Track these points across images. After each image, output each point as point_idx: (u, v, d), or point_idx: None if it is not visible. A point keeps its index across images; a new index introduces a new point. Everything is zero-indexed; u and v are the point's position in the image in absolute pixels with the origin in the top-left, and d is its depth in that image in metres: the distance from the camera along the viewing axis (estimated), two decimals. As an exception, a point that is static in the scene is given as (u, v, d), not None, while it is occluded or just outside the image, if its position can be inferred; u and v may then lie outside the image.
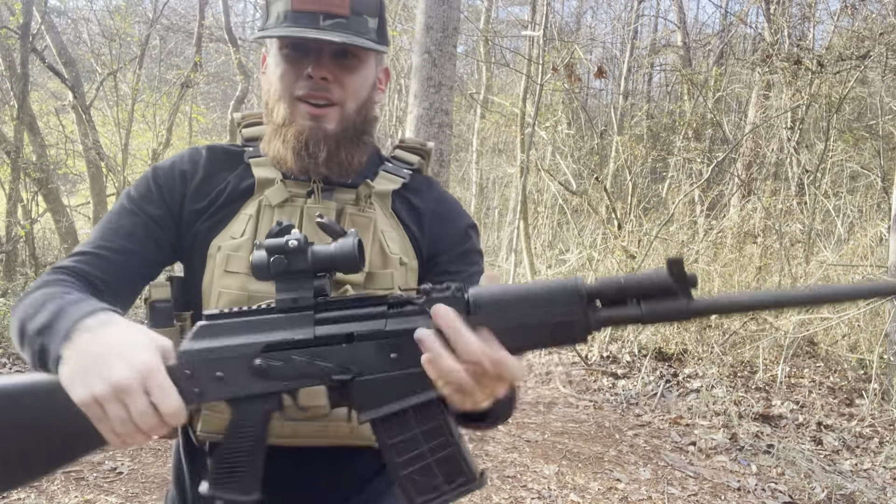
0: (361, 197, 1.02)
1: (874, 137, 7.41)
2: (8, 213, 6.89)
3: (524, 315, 0.73)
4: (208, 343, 0.79)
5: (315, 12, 0.92)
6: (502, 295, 0.74)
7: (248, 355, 0.78)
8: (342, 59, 0.97)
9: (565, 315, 0.73)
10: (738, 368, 5.38)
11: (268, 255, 0.79)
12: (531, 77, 7.73)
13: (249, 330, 0.80)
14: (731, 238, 7.39)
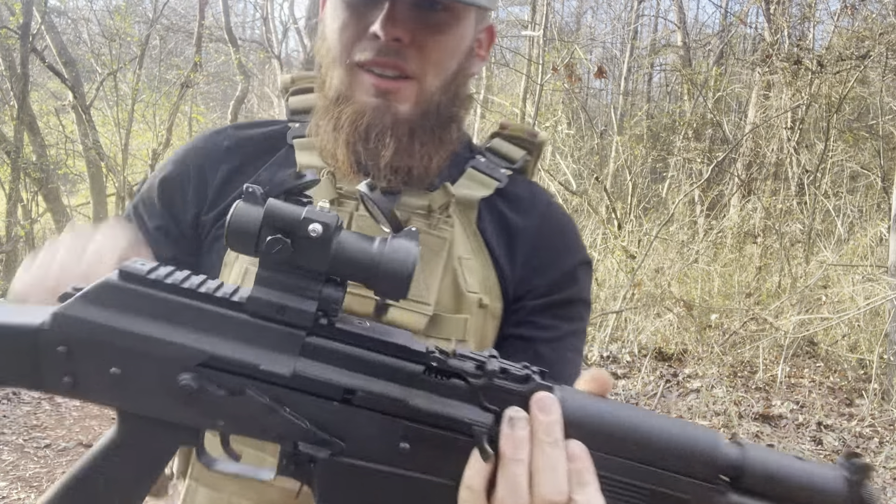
0: (436, 207, 0.73)
1: (874, 137, 7.41)
2: (8, 213, 6.89)
3: (620, 464, 0.48)
4: (114, 319, 0.49)
5: None
6: (601, 419, 0.49)
7: (175, 363, 0.49)
8: (428, 12, 0.68)
9: (676, 483, 0.48)
10: (738, 368, 5.38)
11: (264, 223, 0.49)
12: (531, 77, 7.73)
13: (191, 322, 0.50)
14: (731, 238, 7.39)
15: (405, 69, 0.69)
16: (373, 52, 0.69)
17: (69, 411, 4.18)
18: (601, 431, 0.48)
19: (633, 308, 6.27)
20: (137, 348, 0.49)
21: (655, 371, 5.51)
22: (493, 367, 0.50)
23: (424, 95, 0.72)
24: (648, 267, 6.55)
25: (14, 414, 4.01)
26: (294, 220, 0.48)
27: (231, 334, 0.50)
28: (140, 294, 0.50)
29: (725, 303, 6.14)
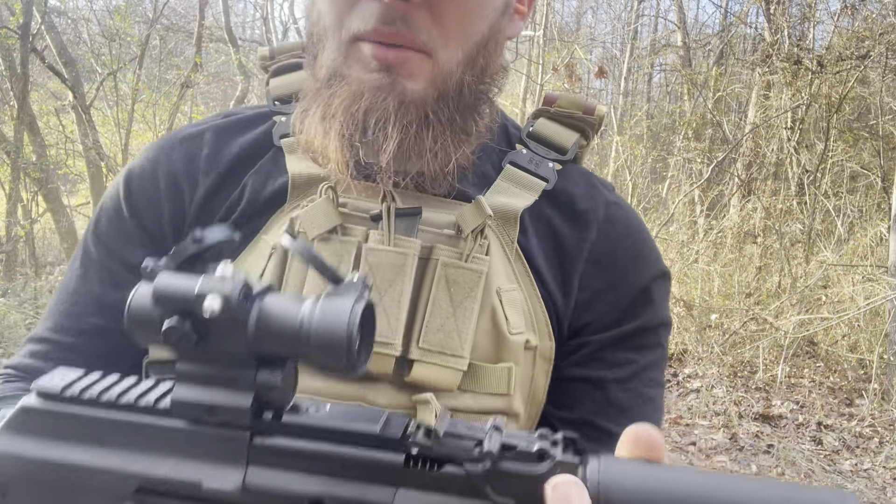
0: (468, 229, 0.56)
1: (874, 137, 7.41)
2: (8, 213, 6.89)
3: None
4: (37, 446, 0.41)
5: None
6: (663, 496, 0.33)
7: (108, 494, 0.41)
8: None
9: None
10: (738, 368, 5.38)
11: (159, 308, 0.38)
12: (531, 77, 7.73)
13: (119, 440, 0.41)
14: (731, 238, 7.39)
15: (415, 40, 0.53)
16: (374, 18, 0.52)
17: (69, 411, 4.19)
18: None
19: (633, 308, 6.27)
20: (67, 480, 0.41)
21: (655, 371, 5.51)
22: (494, 445, 0.36)
23: (442, 73, 0.55)
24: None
25: (14, 414, 4.02)
26: (186, 298, 0.37)
27: (165, 449, 0.40)
28: (61, 415, 0.41)
29: (725, 303, 6.14)
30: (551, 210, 0.62)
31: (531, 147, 0.64)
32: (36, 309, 5.76)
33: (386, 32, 0.52)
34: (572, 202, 0.63)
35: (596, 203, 0.64)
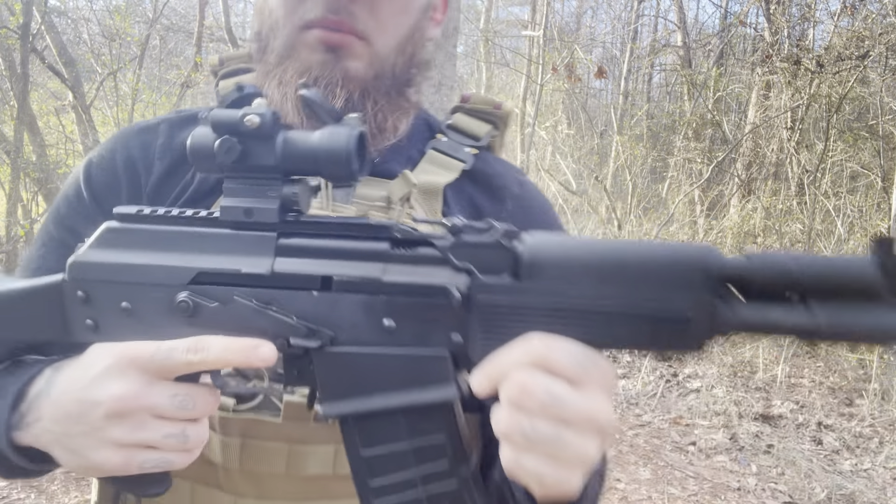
0: (396, 198, 0.65)
1: (874, 137, 7.41)
2: (8, 213, 6.89)
3: (608, 294, 0.46)
4: (116, 256, 0.55)
5: None
6: (578, 254, 0.47)
7: (171, 285, 0.53)
8: None
9: (676, 305, 0.45)
10: (738, 368, 5.38)
11: (215, 133, 0.52)
12: (531, 77, 7.73)
13: (178, 246, 0.55)
14: (731, 238, 7.39)
15: (355, 28, 0.65)
16: (321, 9, 0.64)
17: (69, 411, 4.18)
18: (584, 265, 0.47)
19: (633, 308, 6.27)
20: (138, 279, 0.55)
21: (655, 371, 5.51)
22: (457, 225, 0.51)
23: (378, 56, 0.67)
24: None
25: (14, 414, 4.02)
26: (234, 119, 0.51)
27: (213, 249, 0.54)
28: (134, 231, 0.56)
29: (725, 303, 6.14)
30: (471, 187, 0.73)
31: (450, 136, 0.74)
32: (36, 309, 5.77)
33: (332, 20, 0.64)
34: (489, 180, 0.74)
35: (509, 181, 0.75)
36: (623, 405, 4.89)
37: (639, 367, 5.63)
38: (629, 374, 5.59)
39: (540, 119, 8.90)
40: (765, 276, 0.44)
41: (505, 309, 0.48)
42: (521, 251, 0.48)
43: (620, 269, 0.46)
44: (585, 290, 0.46)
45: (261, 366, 0.50)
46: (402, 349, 0.51)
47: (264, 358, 0.50)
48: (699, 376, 5.28)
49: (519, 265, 0.48)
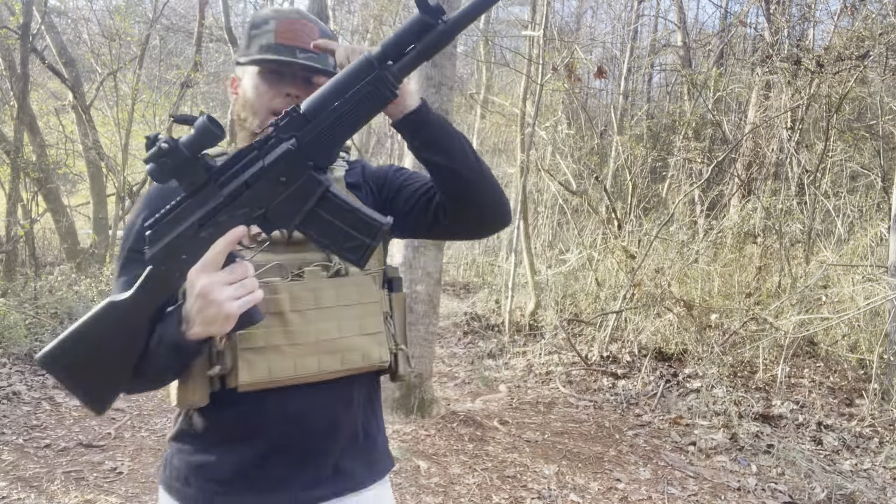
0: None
1: (874, 137, 7.41)
2: (8, 213, 6.89)
3: (341, 102, 0.94)
4: (163, 241, 0.96)
5: (293, 46, 1.13)
6: (320, 96, 0.95)
7: (193, 233, 0.95)
8: (309, 84, 1.15)
9: (371, 85, 0.93)
10: (738, 368, 5.38)
11: (154, 164, 0.91)
12: (531, 77, 7.73)
13: (183, 217, 0.95)
14: (731, 238, 7.39)
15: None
16: (283, 104, 1.10)
17: (69, 411, 4.18)
18: (324, 99, 0.96)
19: (633, 308, 6.27)
20: (180, 241, 0.98)
21: (655, 371, 5.51)
22: (276, 121, 0.97)
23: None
24: (648, 267, 6.55)
25: (14, 414, 4.01)
26: (158, 150, 0.93)
27: (196, 207, 0.98)
28: (162, 224, 1.00)
29: (725, 303, 6.14)
30: (349, 176, 1.24)
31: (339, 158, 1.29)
32: (36, 309, 5.76)
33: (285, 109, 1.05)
34: (355, 169, 1.28)
35: (361, 166, 1.30)
36: (623, 405, 4.90)
37: (639, 367, 5.63)
38: (629, 374, 5.59)
39: (540, 119, 8.90)
40: (392, 50, 0.97)
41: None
42: (302, 111, 0.96)
43: (338, 90, 0.95)
44: (335, 105, 0.95)
45: (241, 238, 0.95)
46: (294, 185, 0.95)
47: (240, 234, 0.94)
48: (699, 376, 5.28)
49: (306, 116, 0.95)
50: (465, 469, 3.53)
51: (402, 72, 0.95)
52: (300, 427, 1.07)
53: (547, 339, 6.56)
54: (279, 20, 1.15)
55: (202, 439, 1.08)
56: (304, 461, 1.08)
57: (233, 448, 1.06)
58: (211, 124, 0.90)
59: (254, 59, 1.15)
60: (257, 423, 1.06)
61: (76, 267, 8.10)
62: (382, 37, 13.40)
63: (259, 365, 1.02)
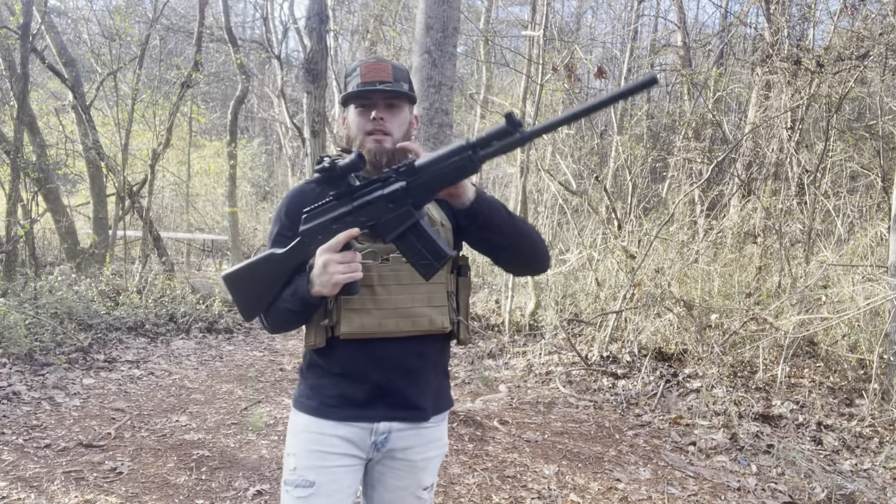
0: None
1: (874, 137, 7.41)
2: (8, 213, 6.89)
3: (441, 167, 1.28)
4: (310, 224, 1.39)
5: (374, 81, 1.49)
6: (430, 158, 1.29)
7: (329, 225, 1.37)
8: (391, 107, 1.50)
9: (463, 161, 1.26)
10: (738, 368, 5.38)
11: (321, 173, 1.34)
12: (531, 77, 7.73)
13: (325, 212, 1.38)
14: (731, 238, 7.39)
15: (386, 130, 1.50)
16: (373, 125, 1.49)
17: (69, 411, 4.18)
18: (431, 161, 1.31)
19: (633, 308, 6.27)
20: (319, 227, 1.39)
21: (655, 371, 5.51)
22: (395, 167, 1.35)
23: (394, 140, 1.50)
24: (648, 267, 6.55)
25: (14, 414, 4.01)
26: (323, 164, 1.35)
27: (335, 207, 1.40)
28: (312, 211, 1.43)
29: (725, 303, 6.14)
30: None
31: None
32: (35, 309, 5.76)
33: (378, 128, 1.49)
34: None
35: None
36: (623, 405, 4.90)
37: (639, 367, 5.63)
38: (629, 374, 5.59)
39: (540, 119, 8.90)
40: (483, 143, 1.26)
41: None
42: (415, 165, 1.31)
43: (442, 156, 1.30)
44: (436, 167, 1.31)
45: (356, 236, 1.33)
46: (397, 212, 1.32)
47: (355, 233, 1.32)
48: (699, 376, 5.28)
49: (415, 168, 1.31)
50: (465, 469, 3.53)
51: (483, 159, 1.25)
52: (382, 368, 1.47)
53: (547, 339, 6.56)
54: (362, 65, 1.51)
55: (320, 370, 1.52)
56: (384, 392, 1.48)
57: (338, 377, 1.49)
58: (360, 160, 1.31)
59: (348, 95, 1.52)
60: (354, 362, 1.47)
61: (76, 267, 8.10)
62: (382, 37, 13.41)
63: (354, 321, 1.44)
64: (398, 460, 1.53)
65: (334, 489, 1.46)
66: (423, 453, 1.54)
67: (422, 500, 1.57)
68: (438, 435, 1.61)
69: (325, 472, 1.46)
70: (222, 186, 16.28)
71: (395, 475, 1.54)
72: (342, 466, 1.48)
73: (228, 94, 20.25)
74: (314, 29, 7.95)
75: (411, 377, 1.49)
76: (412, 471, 1.54)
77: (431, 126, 4.04)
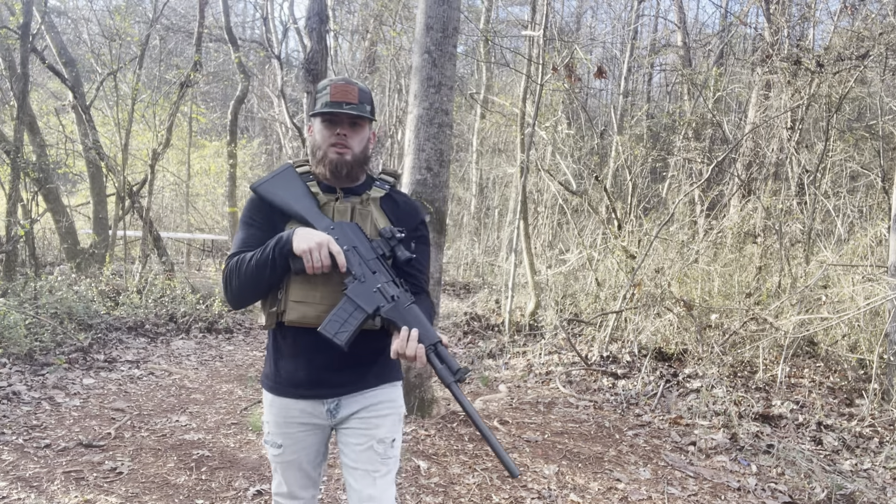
0: (363, 200, 1.74)
1: (874, 137, 7.41)
2: (8, 213, 6.89)
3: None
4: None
5: (341, 101, 1.67)
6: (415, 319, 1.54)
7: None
8: (354, 125, 1.71)
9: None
10: (738, 368, 5.38)
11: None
12: (531, 77, 7.73)
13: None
14: (731, 238, 7.39)
15: (347, 145, 1.69)
16: (336, 140, 1.68)
17: (69, 411, 4.18)
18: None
19: (633, 308, 6.26)
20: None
21: (655, 371, 5.51)
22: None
23: (354, 155, 1.71)
24: (648, 267, 6.55)
25: (14, 414, 4.01)
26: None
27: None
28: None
29: (725, 303, 6.14)
30: (389, 198, 1.77)
31: (380, 179, 1.80)
32: (35, 309, 5.76)
33: (340, 143, 1.69)
34: (395, 196, 1.79)
35: (403, 197, 1.82)
36: (623, 405, 4.90)
37: (639, 367, 5.63)
38: (629, 374, 5.59)
39: (540, 119, 8.90)
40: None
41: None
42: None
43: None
44: None
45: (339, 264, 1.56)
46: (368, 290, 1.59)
47: (341, 263, 1.55)
48: (699, 376, 5.28)
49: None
50: (465, 469, 3.53)
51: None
52: (322, 353, 1.65)
53: (547, 339, 6.56)
54: (332, 85, 1.70)
55: (277, 353, 1.74)
56: (327, 373, 1.69)
57: (290, 359, 1.71)
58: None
59: (317, 112, 1.71)
60: (299, 346, 1.68)
61: (76, 267, 8.10)
62: (382, 37, 13.41)
63: (298, 310, 1.63)
64: (353, 420, 1.74)
65: (298, 448, 1.76)
66: (374, 411, 1.74)
67: (379, 452, 1.74)
68: (390, 397, 1.78)
69: (289, 437, 1.74)
70: (222, 186, 16.28)
71: (353, 434, 1.74)
72: (303, 431, 1.74)
73: (228, 94, 20.25)
74: (314, 29, 7.95)
75: (349, 360, 1.68)
76: (366, 428, 1.73)
77: (431, 126, 4.04)
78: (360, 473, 1.71)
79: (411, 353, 1.46)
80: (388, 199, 1.77)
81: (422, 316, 1.54)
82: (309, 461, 1.78)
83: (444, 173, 4.11)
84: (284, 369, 1.72)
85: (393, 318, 1.52)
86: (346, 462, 1.74)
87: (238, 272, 1.62)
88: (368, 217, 1.70)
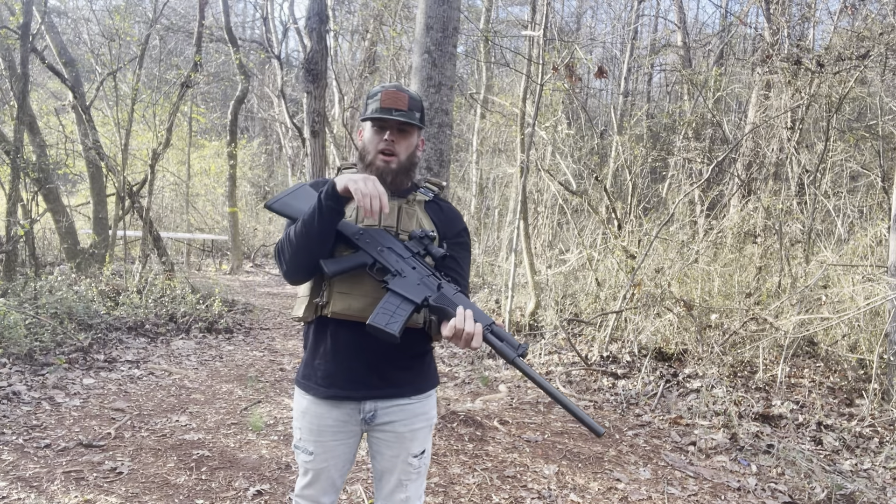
0: (410, 201, 1.77)
1: (874, 137, 7.41)
2: (8, 213, 6.88)
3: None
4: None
5: (391, 108, 1.70)
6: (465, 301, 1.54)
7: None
8: (402, 132, 1.74)
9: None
10: (738, 368, 5.38)
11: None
12: (531, 77, 7.73)
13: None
14: (731, 238, 7.39)
15: (394, 151, 1.72)
16: (384, 145, 1.70)
17: (69, 411, 4.18)
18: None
19: (633, 308, 6.26)
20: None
21: (655, 371, 5.51)
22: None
23: (401, 161, 1.73)
24: (648, 267, 6.55)
25: (14, 414, 4.01)
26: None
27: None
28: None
29: (725, 303, 6.14)
30: (434, 204, 1.81)
31: (425, 187, 1.84)
32: (35, 309, 5.76)
33: (388, 149, 1.71)
34: (439, 203, 1.84)
35: (447, 204, 1.86)
36: (623, 405, 4.89)
37: (639, 367, 5.63)
38: (629, 374, 5.59)
39: (540, 119, 8.90)
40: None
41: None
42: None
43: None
44: None
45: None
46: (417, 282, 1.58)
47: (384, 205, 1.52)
48: (699, 376, 5.28)
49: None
50: (465, 469, 3.53)
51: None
52: (364, 351, 1.66)
53: (547, 339, 6.56)
54: (384, 91, 1.73)
55: (314, 351, 1.74)
56: (366, 373, 1.68)
57: (328, 358, 1.71)
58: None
59: (367, 118, 1.74)
60: (340, 343, 1.69)
61: (76, 267, 8.10)
62: (382, 37, 13.40)
63: (343, 302, 1.64)
64: (387, 432, 1.74)
65: (329, 456, 1.76)
66: (408, 426, 1.74)
67: (412, 465, 1.77)
68: (423, 409, 1.77)
69: (321, 445, 1.75)
70: (222, 186, 16.28)
71: (386, 445, 1.75)
72: (335, 440, 1.75)
73: (228, 94, 20.24)
74: (314, 29, 7.95)
75: (390, 361, 1.68)
76: (400, 441, 1.74)
77: (431, 126, 4.05)
78: (394, 480, 1.77)
79: (470, 329, 1.41)
80: (433, 205, 1.80)
81: (471, 301, 1.52)
82: (337, 469, 1.79)
83: (443, 173, 4.11)
84: (321, 368, 1.71)
85: (443, 305, 1.48)
86: (378, 466, 1.79)
87: (288, 240, 1.60)
88: (414, 217, 1.72)
